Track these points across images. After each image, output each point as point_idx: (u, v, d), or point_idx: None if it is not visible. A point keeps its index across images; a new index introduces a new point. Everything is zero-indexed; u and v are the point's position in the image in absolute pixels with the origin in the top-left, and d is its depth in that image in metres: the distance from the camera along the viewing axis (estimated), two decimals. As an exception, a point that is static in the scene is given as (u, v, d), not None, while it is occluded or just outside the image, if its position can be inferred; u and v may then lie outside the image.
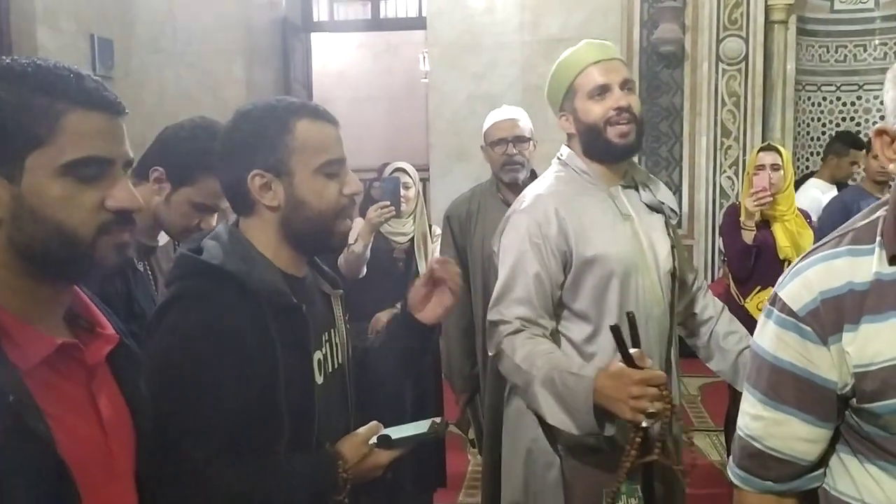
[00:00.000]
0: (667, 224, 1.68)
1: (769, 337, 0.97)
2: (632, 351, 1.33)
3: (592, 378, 1.36)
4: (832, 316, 0.91)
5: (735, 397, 2.56)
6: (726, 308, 1.82)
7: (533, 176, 2.59)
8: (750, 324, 2.87)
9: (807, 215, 3.20)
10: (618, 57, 1.63)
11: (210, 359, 1.06)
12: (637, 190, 1.66)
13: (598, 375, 1.35)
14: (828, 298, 0.91)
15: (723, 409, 3.34)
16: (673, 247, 1.67)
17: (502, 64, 4.70)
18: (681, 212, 4.55)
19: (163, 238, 1.69)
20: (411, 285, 1.40)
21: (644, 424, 1.30)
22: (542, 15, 4.68)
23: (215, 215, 1.58)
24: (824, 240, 0.98)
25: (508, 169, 2.51)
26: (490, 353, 1.55)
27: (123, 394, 0.91)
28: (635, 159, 1.77)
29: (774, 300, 0.96)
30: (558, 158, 1.67)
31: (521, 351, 1.46)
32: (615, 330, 1.32)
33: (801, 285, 0.94)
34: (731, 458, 1.04)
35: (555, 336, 1.57)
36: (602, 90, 1.56)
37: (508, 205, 2.52)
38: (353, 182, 1.21)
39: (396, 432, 1.22)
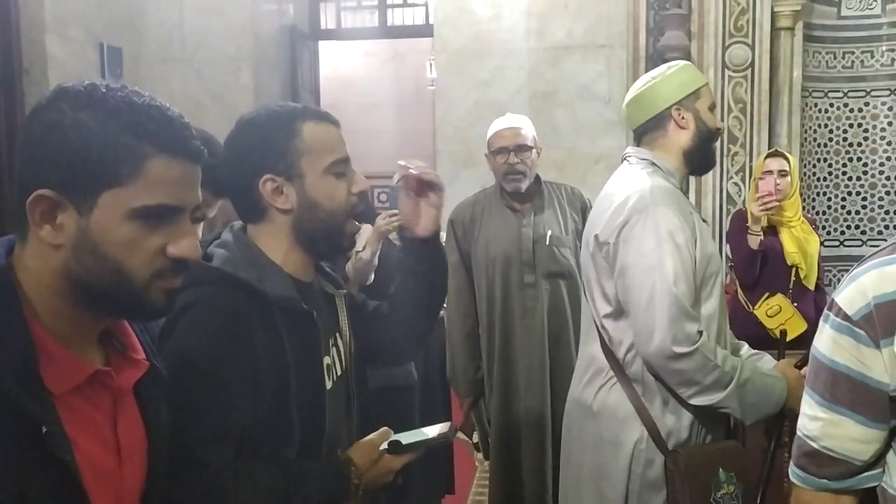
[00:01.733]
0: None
1: (826, 341, 1.01)
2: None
3: (783, 378, 1.63)
4: (885, 320, 0.94)
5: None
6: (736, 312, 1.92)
7: (537, 183, 2.65)
8: (760, 331, 2.89)
9: (812, 221, 3.20)
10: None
11: (222, 366, 1.06)
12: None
13: (786, 377, 1.64)
14: (881, 303, 0.94)
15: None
16: None
17: (509, 71, 4.71)
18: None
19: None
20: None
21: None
22: (548, 22, 4.70)
23: (201, 225, 1.59)
24: (882, 247, 1.02)
25: (510, 178, 2.55)
26: (675, 349, 1.56)
27: (144, 421, 0.90)
28: None
29: (832, 305, 1.00)
30: (639, 159, 1.75)
31: (719, 353, 1.59)
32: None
33: (855, 290, 0.97)
34: (790, 457, 1.09)
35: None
36: (713, 109, 1.77)
37: (513, 210, 2.61)
38: (361, 181, 1.22)
39: (407, 438, 1.24)
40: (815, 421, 1.02)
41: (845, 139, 4.69)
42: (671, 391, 1.64)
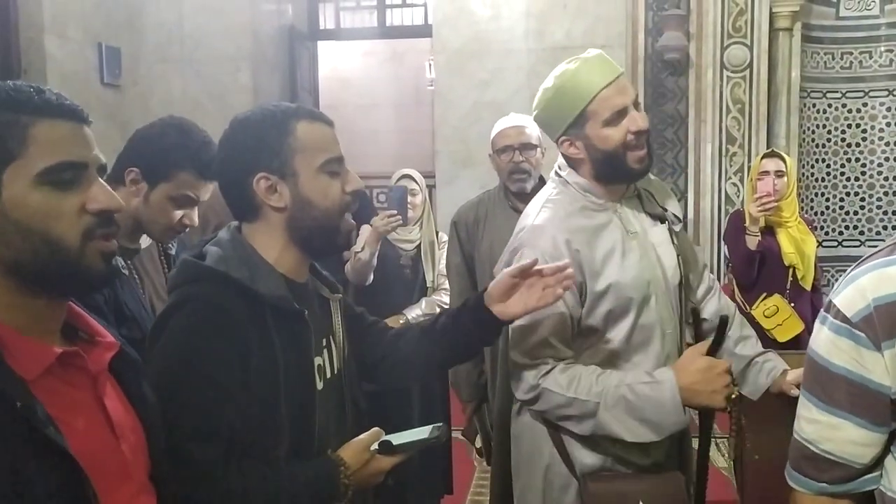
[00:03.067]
0: (671, 232, 1.64)
1: (824, 342, 0.99)
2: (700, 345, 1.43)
3: (673, 378, 1.40)
4: (886, 322, 0.92)
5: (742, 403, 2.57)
6: (737, 311, 1.81)
7: (542, 183, 2.61)
8: (757, 331, 2.88)
9: (809, 222, 3.21)
10: (620, 70, 1.53)
11: (214, 364, 1.06)
12: (640, 199, 1.62)
13: (678, 374, 1.40)
14: (881, 305, 0.93)
15: (728, 415, 3.32)
16: (678, 255, 1.63)
17: (508, 71, 4.72)
18: (686, 219, 4.55)
19: (145, 241, 1.70)
20: (418, 292, 1.38)
21: (728, 409, 1.40)
22: (548, 23, 4.71)
23: (195, 209, 1.61)
24: (880, 247, 1.00)
25: (516, 178, 2.51)
26: (520, 397, 1.51)
27: (129, 398, 0.92)
28: None
29: (829, 307, 0.99)
30: (557, 176, 1.60)
31: (570, 383, 1.44)
32: (723, 320, 1.42)
33: (854, 292, 0.96)
34: (788, 460, 1.06)
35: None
36: (619, 115, 1.48)
37: (517, 212, 2.50)
38: (354, 180, 1.23)
39: (398, 438, 1.23)
40: (813, 424, 1.00)
41: (843, 139, 4.70)
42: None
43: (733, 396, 1.39)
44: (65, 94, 0.87)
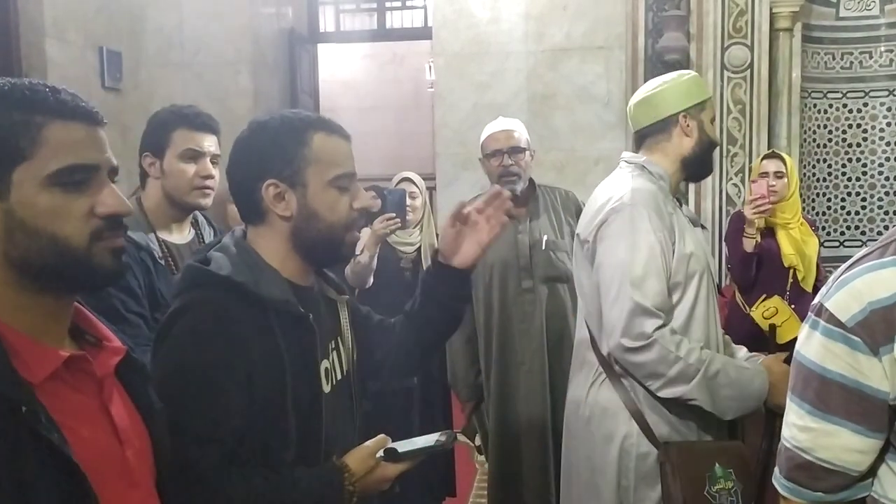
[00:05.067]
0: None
1: (815, 348, 0.96)
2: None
3: (765, 373, 1.64)
4: (882, 326, 0.90)
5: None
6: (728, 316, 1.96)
7: (532, 188, 2.65)
8: (756, 332, 2.89)
9: (812, 222, 3.21)
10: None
11: (218, 368, 1.07)
12: (680, 205, 1.82)
13: (770, 371, 1.64)
14: (877, 308, 0.91)
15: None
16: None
17: (508, 73, 4.73)
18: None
19: (183, 237, 1.86)
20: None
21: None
22: (547, 25, 4.72)
23: (206, 160, 1.79)
24: (868, 249, 0.99)
25: (505, 181, 2.52)
26: (627, 343, 1.61)
27: (135, 403, 0.92)
28: None
29: (820, 311, 0.96)
30: (630, 163, 1.80)
31: (679, 344, 1.60)
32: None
33: (848, 295, 0.94)
34: (776, 469, 1.05)
35: None
36: (713, 122, 1.84)
37: (509, 216, 2.57)
38: (363, 197, 1.24)
39: (403, 445, 1.24)
40: (806, 431, 0.97)
41: (844, 140, 4.70)
42: (643, 385, 1.66)
43: None
44: (80, 96, 0.87)
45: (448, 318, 1.41)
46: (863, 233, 4.70)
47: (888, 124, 4.66)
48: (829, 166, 4.74)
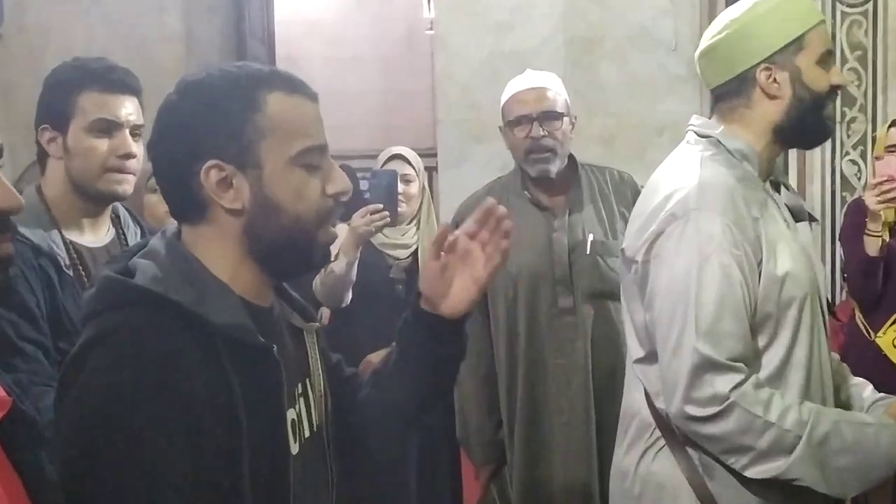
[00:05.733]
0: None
1: None
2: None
3: (893, 425, 1.64)
4: None
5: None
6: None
7: (573, 168, 2.66)
8: (883, 365, 2.84)
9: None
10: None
11: (148, 424, 1.06)
12: (777, 187, 1.81)
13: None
14: None
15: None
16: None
17: (536, 9, 4.70)
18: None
19: (99, 238, 1.90)
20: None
21: None
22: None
23: (125, 133, 1.83)
24: None
25: (535, 159, 2.56)
26: (693, 411, 1.61)
27: (17, 467, 0.92)
28: None
29: None
30: (701, 137, 1.79)
31: (768, 405, 1.59)
32: None
33: None
34: None
35: None
36: (827, 60, 1.74)
37: (540, 207, 2.65)
38: (340, 178, 1.24)
39: None
40: None
41: None
42: (717, 461, 1.66)
43: None
44: None
45: (433, 383, 1.42)
46: None
47: None
48: None
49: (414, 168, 3.00)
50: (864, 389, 1.87)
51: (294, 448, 1.21)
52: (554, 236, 2.60)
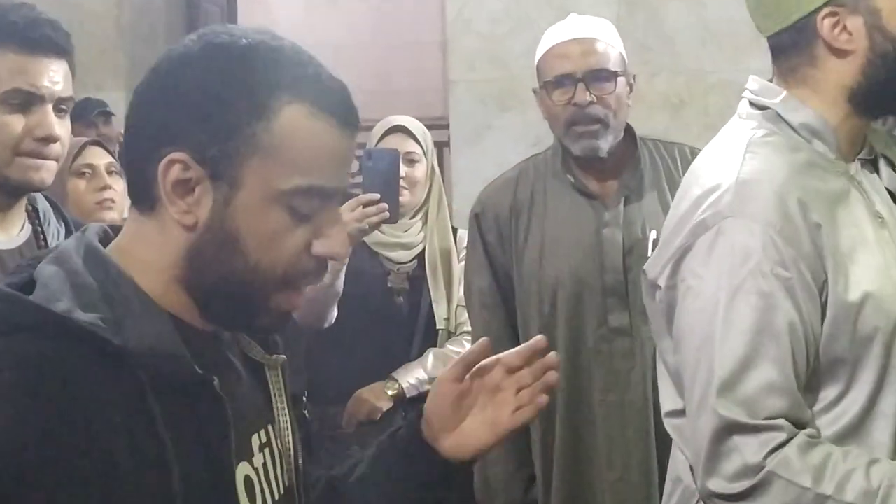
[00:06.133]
0: None
1: None
2: None
3: None
4: None
5: None
6: None
7: (629, 142, 2.67)
8: None
9: None
10: None
11: (46, 477, 1.05)
12: (875, 165, 1.77)
13: None
14: None
15: None
16: None
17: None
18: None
19: (11, 237, 1.94)
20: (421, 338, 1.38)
21: None
22: None
23: (47, 108, 1.84)
24: None
25: (580, 132, 2.54)
26: (718, 488, 1.60)
27: None
28: None
29: None
30: (758, 108, 1.76)
31: (820, 470, 1.55)
32: None
33: None
34: None
35: None
36: None
37: (586, 195, 2.66)
38: (336, 241, 1.23)
39: None
40: None
41: None
42: None
43: None
44: None
45: None
46: None
47: None
48: None
49: (420, 144, 2.98)
50: None
51: None
52: (604, 233, 2.59)
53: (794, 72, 1.72)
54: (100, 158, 2.97)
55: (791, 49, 1.71)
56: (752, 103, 1.77)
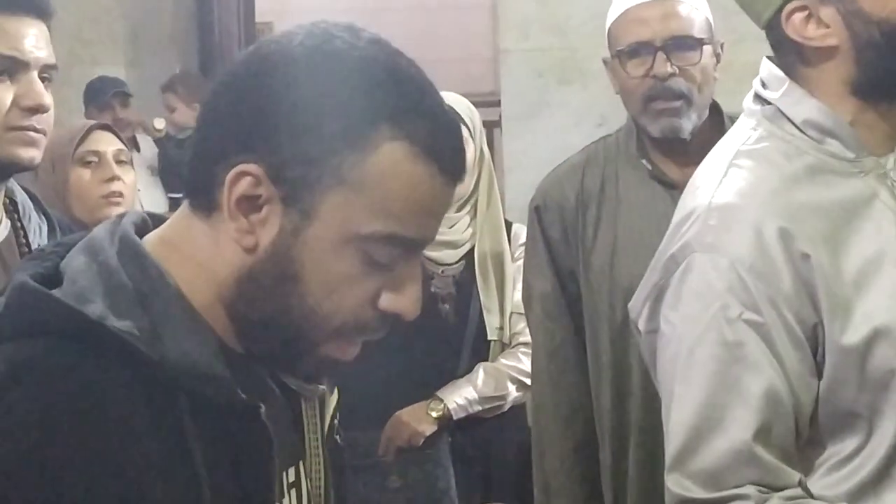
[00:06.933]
0: None
1: None
2: None
3: None
4: None
5: None
6: None
7: (716, 121, 2.63)
8: None
9: None
10: None
11: (73, 497, 1.07)
12: None
13: None
14: None
15: None
16: None
17: None
18: None
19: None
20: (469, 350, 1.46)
21: None
22: None
23: (33, 73, 1.86)
24: None
25: (659, 109, 2.51)
26: None
27: None
28: None
29: None
30: (761, 103, 1.71)
31: None
32: None
33: None
34: None
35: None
36: None
37: (665, 183, 2.64)
38: (409, 297, 1.22)
39: None
40: None
41: None
42: None
43: None
44: None
45: None
46: None
47: None
48: None
49: (467, 125, 2.90)
50: None
51: None
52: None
53: (792, 70, 1.70)
54: (107, 145, 2.91)
55: (779, 48, 1.72)
56: (756, 95, 1.74)
